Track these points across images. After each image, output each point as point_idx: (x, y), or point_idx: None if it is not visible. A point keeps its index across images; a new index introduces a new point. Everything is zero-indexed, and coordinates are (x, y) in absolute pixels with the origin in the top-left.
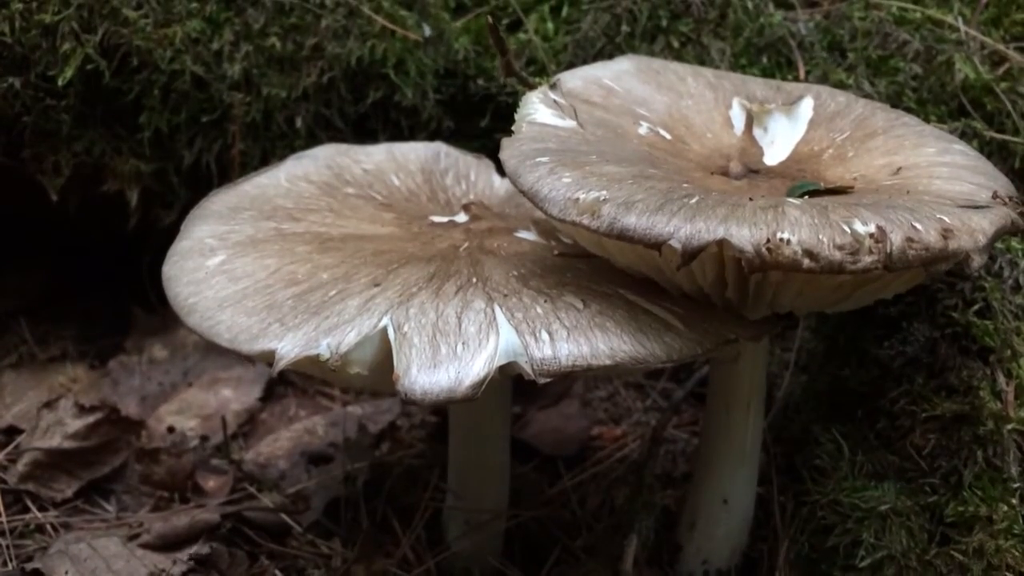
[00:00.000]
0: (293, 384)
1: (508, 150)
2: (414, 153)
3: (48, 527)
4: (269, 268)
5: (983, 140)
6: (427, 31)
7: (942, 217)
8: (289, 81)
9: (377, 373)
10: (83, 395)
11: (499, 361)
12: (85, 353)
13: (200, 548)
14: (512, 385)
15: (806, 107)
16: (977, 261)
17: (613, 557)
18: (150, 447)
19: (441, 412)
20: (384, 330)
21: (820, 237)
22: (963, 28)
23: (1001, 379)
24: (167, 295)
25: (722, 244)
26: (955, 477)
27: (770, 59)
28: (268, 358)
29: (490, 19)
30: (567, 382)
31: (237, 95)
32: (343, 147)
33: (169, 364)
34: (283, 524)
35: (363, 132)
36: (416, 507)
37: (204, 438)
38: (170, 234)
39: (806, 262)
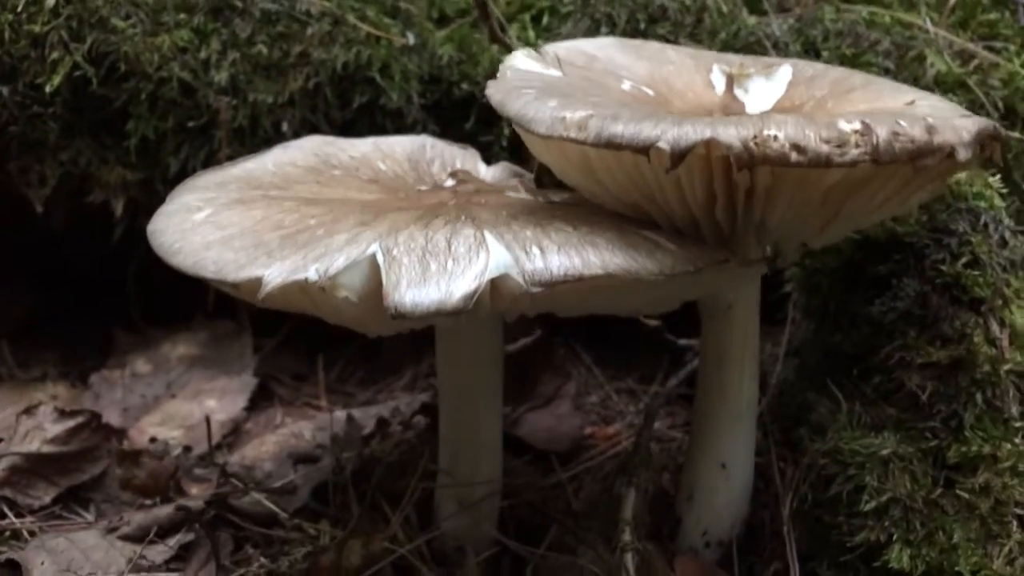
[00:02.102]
0: (279, 396)
1: (494, 87)
2: (400, 145)
3: (24, 533)
4: (256, 217)
5: None
6: (411, 39)
7: (925, 117)
8: (275, 87)
9: (367, 302)
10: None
11: (490, 274)
12: (67, 374)
13: (183, 537)
14: (503, 359)
15: (785, 71)
16: (963, 154)
17: (610, 520)
18: (131, 449)
19: (431, 411)
20: (373, 256)
21: (807, 132)
22: (932, 29)
23: (994, 327)
24: (153, 246)
25: (710, 144)
26: (955, 421)
27: None
28: (255, 287)
29: None
30: (558, 381)
31: (224, 99)
32: (329, 138)
33: (152, 377)
34: (269, 512)
35: (349, 136)
36: (406, 490)
37: (187, 448)
38: None
39: (794, 155)
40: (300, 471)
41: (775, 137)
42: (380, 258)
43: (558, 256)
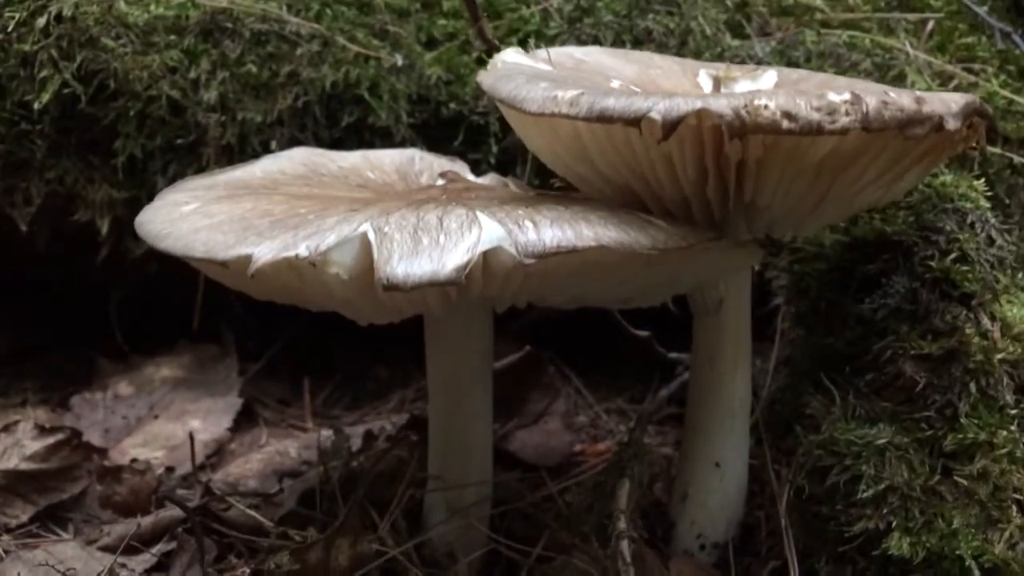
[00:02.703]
0: (264, 418)
1: (484, 75)
2: (389, 157)
3: (0, 552)
4: (245, 207)
5: None
6: (399, 60)
7: (913, 91)
8: (264, 106)
9: (358, 281)
10: None
11: (483, 246)
12: (47, 400)
13: (164, 546)
14: (492, 357)
15: (770, 75)
16: (951, 124)
17: (604, 515)
18: (113, 465)
19: (420, 425)
20: (364, 234)
21: (797, 101)
22: (911, 51)
23: (985, 320)
24: (140, 234)
25: (701, 114)
26: (950, 410)
27: None
28: (244, 264)
29: None
30: (547, 399)
31: (213, 116)
32: (318, 150)
33: (134, 399)
34: (255, 522)
35: None
36: (394, 496)
37: (170, 469)
38: (140, 266)
39: (785, 123)
40: (286, 483)
41: (766, 106)
42: (371, 236)
43: (551, 229)
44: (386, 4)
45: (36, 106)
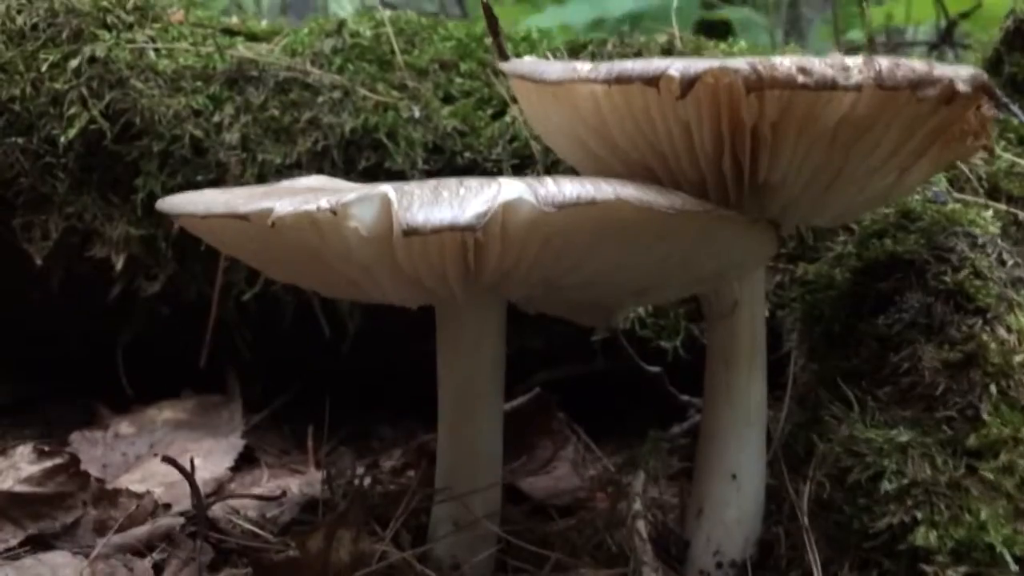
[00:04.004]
0: (266, 462)
1: (505, 64)
2: None
3: None
4: (265, 190)
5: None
6: (416, 112)
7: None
8: (284, 149)
9: (378, 241)
10: None
11: (504, 197)
12: (46, 444)
13: (158, 556)
14: (504, 363)
15: None
16: (962, 87)
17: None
18: (110, 488)
19: (427, 455)
20: (384, 193)
21: (812, 60)
22: None
23: (1002, 331)
24: (162, 211)
25: (718, 73)
26: (971, 411)
27: None
28: (265, 217)
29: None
30: (556, 445)
31: (234, 154)
32: (337, 179)
33: (135, 437)
34: (256, 533)
35: None
36: (399, 506)
37: (167, 506)
38: (151, 306)
39: (800, 77)
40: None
41: (781, 63)
42: (392, 194)
43: (570, 184)
44: (406, 63)
45: (62, 140)
